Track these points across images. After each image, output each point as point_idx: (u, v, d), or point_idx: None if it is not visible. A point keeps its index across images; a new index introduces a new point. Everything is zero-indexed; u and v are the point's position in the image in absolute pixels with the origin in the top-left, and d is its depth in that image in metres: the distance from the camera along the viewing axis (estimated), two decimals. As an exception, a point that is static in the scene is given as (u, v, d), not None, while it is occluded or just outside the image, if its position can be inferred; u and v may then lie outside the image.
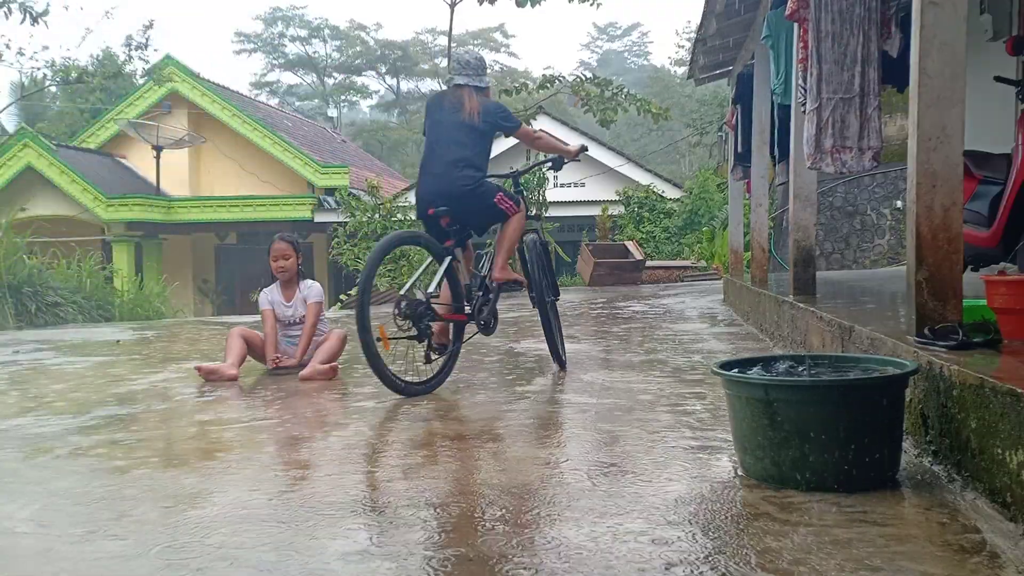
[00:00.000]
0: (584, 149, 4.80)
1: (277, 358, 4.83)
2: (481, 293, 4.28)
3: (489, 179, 4.24)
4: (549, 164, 4.64)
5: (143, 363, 5.62)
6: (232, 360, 4.69)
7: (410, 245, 3.98)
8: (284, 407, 3.87)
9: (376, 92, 50.20)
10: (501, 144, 20.08)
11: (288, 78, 48.17)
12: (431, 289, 4.06)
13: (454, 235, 4.13)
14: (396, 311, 3.79)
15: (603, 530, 2.00)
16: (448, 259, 4.09)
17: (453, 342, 4.19)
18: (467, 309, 4.23)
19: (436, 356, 4.06)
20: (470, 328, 4.30)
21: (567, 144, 4.90)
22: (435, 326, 4.03)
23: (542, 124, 19.13)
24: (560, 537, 1.97)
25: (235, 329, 4.97)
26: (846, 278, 7.77)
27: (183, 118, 20.74)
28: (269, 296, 4.97)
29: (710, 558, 1.82)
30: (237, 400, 4.15)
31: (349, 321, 8.40)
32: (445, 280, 4.12)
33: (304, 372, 4.58)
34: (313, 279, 5.07)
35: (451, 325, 4.20)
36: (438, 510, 2.20)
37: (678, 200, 17.60)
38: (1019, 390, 1.87)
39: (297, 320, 4.94)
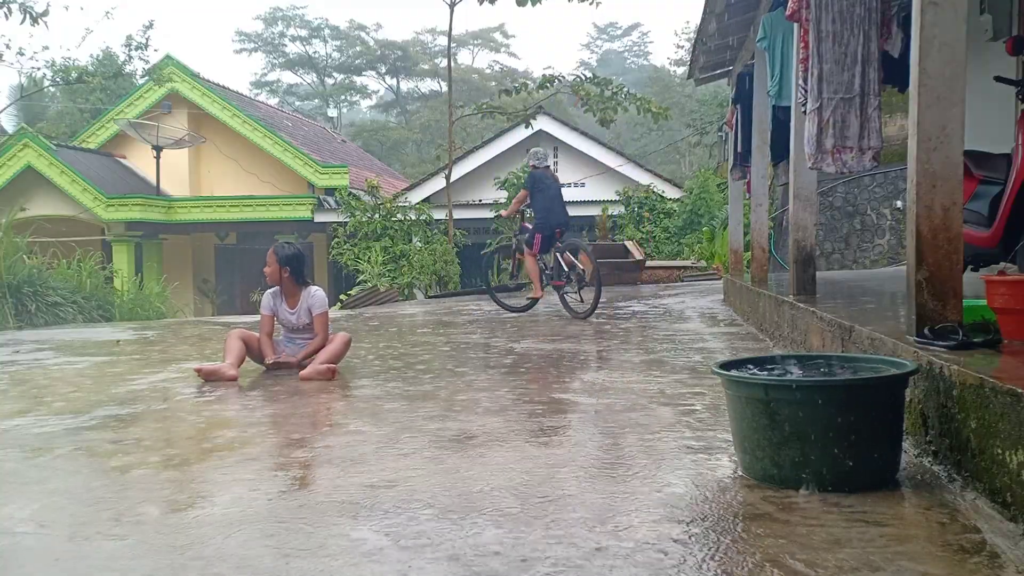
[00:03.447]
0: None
1: (277, 357, 4.80)
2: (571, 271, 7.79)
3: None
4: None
5: (143, 363, 5.62)
6: (231, 361, 4.69)
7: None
8: (284, 407, 3.87)
9: (376, 92, 50.22)
10: (500, 145, 20.20)
11: (288, 78, 48.12)
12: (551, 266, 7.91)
13: (561, 240, 7.89)
14: (546, 271, 8.01)
15: (602, 529, 2.00)
16: (557, 253, 7.82)
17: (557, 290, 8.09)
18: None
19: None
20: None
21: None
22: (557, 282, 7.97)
23: (542, 124, 19.15)
24: (560, 535, 1.97)
25: (234, 331, 4.97)
26: (846, 278, 7.77)
27: (183, 118, 20.71)
28: (272, 301, 4.95)
29: (710, 558, 1.82)
30: (237, 400, 4.16)
31: (349, 321, 8.40)
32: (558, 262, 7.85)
33: (304, 372, 4.59)
34: (317, 285, 5.03)
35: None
36: (435, 509, 2.21)
37: (678, 200, 17.58)
38: (1019, 390, 1.87)
39: (302, 327, 4.93)
